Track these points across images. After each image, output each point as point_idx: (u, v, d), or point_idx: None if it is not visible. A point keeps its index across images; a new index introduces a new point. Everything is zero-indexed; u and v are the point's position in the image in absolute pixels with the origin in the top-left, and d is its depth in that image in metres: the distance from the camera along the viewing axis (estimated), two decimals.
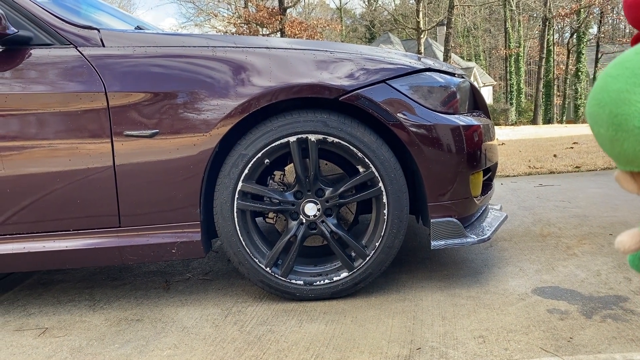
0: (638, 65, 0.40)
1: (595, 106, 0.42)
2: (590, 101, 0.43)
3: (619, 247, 0.47)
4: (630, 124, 0.38)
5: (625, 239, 0.46)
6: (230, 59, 1.90)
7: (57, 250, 1.96)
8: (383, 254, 1.98)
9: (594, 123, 0.42)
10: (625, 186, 0.45)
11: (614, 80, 0.40)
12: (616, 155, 0.41)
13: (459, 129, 1.94)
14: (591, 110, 0.42)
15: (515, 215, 3.27)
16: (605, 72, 0.43)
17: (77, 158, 1.89)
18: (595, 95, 0.42)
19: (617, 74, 0.41)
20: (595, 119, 0.42)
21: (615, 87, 0.40)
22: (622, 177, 0.45)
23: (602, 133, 0.41)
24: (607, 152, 0.43)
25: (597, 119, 0.41)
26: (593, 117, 0.42)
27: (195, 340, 1.77)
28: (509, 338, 1.63)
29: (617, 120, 0.39)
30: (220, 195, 1.95)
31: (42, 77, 1.87)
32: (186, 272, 2.54)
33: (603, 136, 0.41)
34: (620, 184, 0.47)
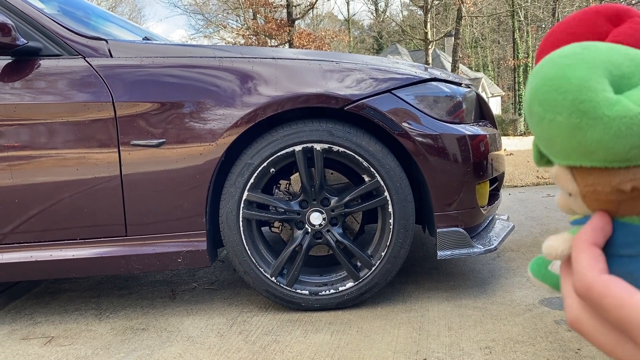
0: (594, 58, 0.39)
1: (552, 92, 0.39)
2: (542, 87, 0.40)
3: (549, 252, 0.43)
4: (599, 111, 0.37)
5: (556, 243, 0.43)
6: (236, 69, 1.91)
7: (64, 259, 1.97)
8: (389, 263, 1.97)
9: (548, 110, 0.39)
10: (565, 185, 0.42)
11: (573, 68, 0.39)
12: (573, 146, 0.39)
13: (465, 138, 1.94)
14: (545, 97, 0.40)
15: (523, 225, 3.24)
16: (555, 61, 0.41)
17: (84, 167, 1.90)
18: (550, 82, 0.40)
19: (573, 64, 0.39)
20: (551, 106, 0.39)
21: (577, 74, 0.38)
22: (562, 175, 0.42)
23: (559, 121, 0.38)
24: (558, 143, 0.40)
25: (555, 105, 0.39)
26: (548, 104, 0.39)
27: (200, 349, 1.76)
28: (515, 349, 1.61)
29: (583, 107, 0.37)
30: (226, 204, 1.95)
31: (51, 87, 1.90)
32: (192, 281, 2.54)
33: (561, 124, 0.38)
34: (558, 183, 0.44)
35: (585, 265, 0.38)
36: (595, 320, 0.38)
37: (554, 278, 0.48)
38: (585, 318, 0.38)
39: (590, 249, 0.39)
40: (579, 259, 0.39)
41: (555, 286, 0.48)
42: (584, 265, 0.38)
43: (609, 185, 0.39)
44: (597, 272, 0.37)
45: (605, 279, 0.37)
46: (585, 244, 0.40)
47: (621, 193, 0.39)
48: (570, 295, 0.40)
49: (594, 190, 0.40)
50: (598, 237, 0.40)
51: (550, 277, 0.48)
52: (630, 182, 0.38)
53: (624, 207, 0.40)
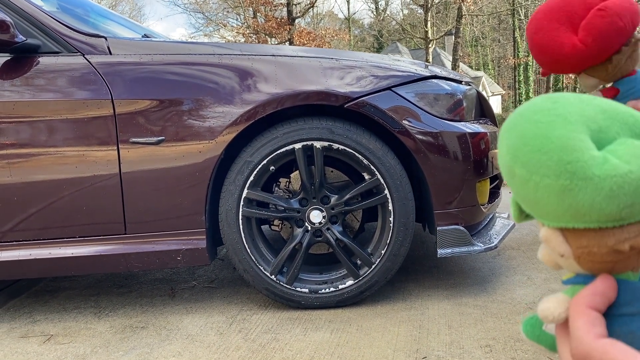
0: (568, 113, 0.37)
1: (534, 153, 0.37)
2: (522, 148, 0.38)
3: (545, 316, 0.41)
4: (589, 172, 0.35)
5: (552, 306, 0.41)
6: (236, 66, 1.91)
7: (63, 257, 1.96)
8: (389, 261, 1.97)
9: (534, 172, 0.37)
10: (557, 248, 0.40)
11: (550, 126, 0.37)
12: (564, 209, 0.37)
13: (465, 136, 1.93)
14: (528, 158, 0.37)
15: (523, 223, 3.24)
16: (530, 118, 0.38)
17: (83, 165, 1.90)
18: (530, 142, 0.37)
19: (549, 121, 0.37)
20: (536, 167, 0.37)
21: (556, 133, 0.36)
22: (552, 237, 0.40)
23: (547, 183, 0.36)
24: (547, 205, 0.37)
25: (540, 166, 0.37)
26: (532, 165, 0.37)
27: (199, 347, 1.76)
28: (516, 347, 1.61)
29: (571, 167, 0.35)
30: (226, 202, 1.95)
31: (50, 84, 1.89)
32: (191, 279, 2.53)
33: (549, 187, 0.36)
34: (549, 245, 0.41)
35: (583, 330, 0.37)
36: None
37: (549, 339, 0.46)
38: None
39: (587, 313, 0.38)
40: (576, 323, 0.38)
41: (550, 347, 0.47)
42: (581, 330, 0.37)
43: (605, 246, 0.38)
44: (594, 337, 0.36)
45: (603, 343, 0.36)
46: (582, 307, 0.38)
47: (618, 253, 0.38)
48: (567, 358, 0.40)
49: (589, 251, 0.39)
50: (597, 302, 0.39)
51: (545, 338, 0.46)
52: (627, 242, 0.37)
53: (619, 265, 0.39)
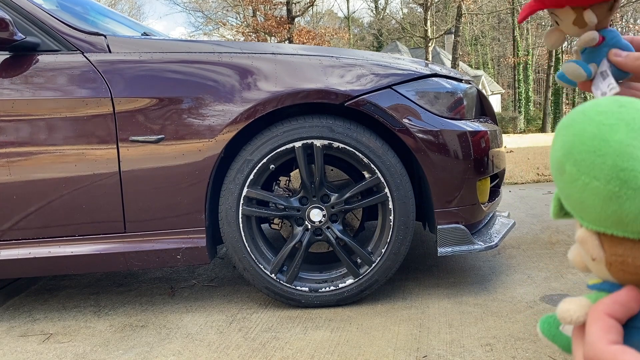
0: (633, 119, 0.36)
1: (589, 154, 0.36)
2: (578, 146, 0.37)
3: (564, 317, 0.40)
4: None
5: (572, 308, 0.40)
6: (236, 65, 1.90)
7: (63, 256, 1.96)
8: (389, 260, 1.96)
9: (584, 172, 0.36)
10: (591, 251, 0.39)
11: (611, 129, 0.36)
12: (607, 214, 0.36)
13: (465, 134, 1.93)
14: (582, 157, 0.37)
15: (524, 222, 3.24)
16: (592, 118, 0.38)
17: (83, 164, 1.89)
18: (587, 142, 0.37)
19: (612, 124, 0.36)
20: (588, 168, 0.36)
21: (616, 137, 0.36)
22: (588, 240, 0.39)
23: (596, 185, 0.36)
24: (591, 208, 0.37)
25: (592, 168, 0.36)
26: (584, 166, 0.37)
27: (199, 346, 1.76)
28: (516, 346, 1.60)
29: (623, 175, 0.35)
30: (226, 201, 1.94)
31: (49, 82, 1.88)
32: (191, 278, 2.53)
33: (597, 190, 0.36)
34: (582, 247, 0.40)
35: (597, 335, 0.37)
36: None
37: (564, 339, 0.46)
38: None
39: (604, 320, 0.38)
40: (591, 328, 0.38)
41: (565, 348, 0.46)
42: (595, 335, 0.37)
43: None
44: (606, 343, 0.36)
45: (614, 349, 0.35)
46: (600, 314, 0.38)
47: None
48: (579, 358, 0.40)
49: (623, 261, 0.38)
50: (617, 311, 0.38)
51: (560, 338, 0.46)
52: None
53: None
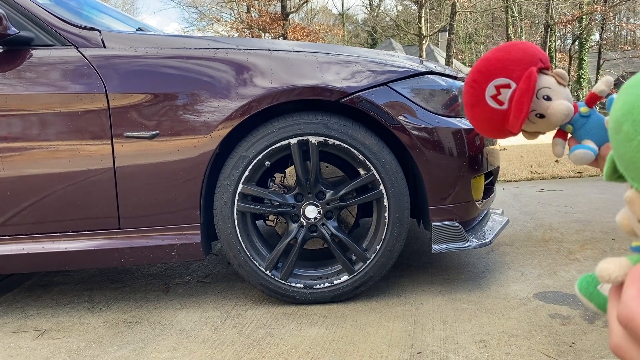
0: None
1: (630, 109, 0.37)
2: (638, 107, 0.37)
3: (602, 275, 0.41)
4: None
5: (612, 267, 0.41)
6: (231, 60, 1.90)
7: (57, 252, 1.95)
8: (384, 257, 1.97)
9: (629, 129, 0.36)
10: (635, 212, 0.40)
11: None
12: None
13: (460, 132, 1.93)
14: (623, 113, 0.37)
15: (517, 219, 3.25)
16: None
17: (77, 159, 1.88)
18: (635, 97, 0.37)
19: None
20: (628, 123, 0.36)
21: None
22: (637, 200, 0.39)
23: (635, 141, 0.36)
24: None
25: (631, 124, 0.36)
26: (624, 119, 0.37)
27: (194, 343, 1.75)
28: (510, 343, 1.61)
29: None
30: (221, 197, 1.94)
31: (43, 77, 1.87)
32: (186, 275, 2.53)
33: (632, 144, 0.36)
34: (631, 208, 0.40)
35: (632, 296, 0.37)
36: (637, 350, 0.37)
37: (600, 298, 0.47)
38: (627, 346, 0.37)
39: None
40: (628, 289, 0.38)
41: (601, 307, 0.47)
42: (630, 295, 0.37)
43: None
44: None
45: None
46: (638, 276, 0.38)
47: None
48: (614, 321, 0.40)
49: None
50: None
51: (597, 296, 0.47)
52: None
53: None
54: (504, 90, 0.97)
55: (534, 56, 0.96)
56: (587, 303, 0.47)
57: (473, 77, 1.02)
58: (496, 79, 0.98)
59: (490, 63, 0.99)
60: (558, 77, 0.95)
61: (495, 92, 0.99)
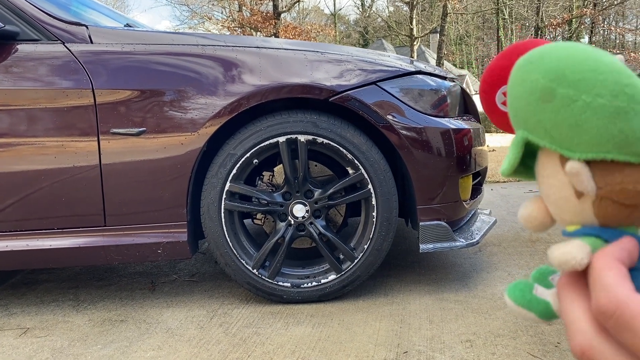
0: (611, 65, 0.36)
1: (588, 72, 0.35)
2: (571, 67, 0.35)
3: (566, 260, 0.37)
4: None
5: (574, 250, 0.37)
6: (219, 58, 1.88)
7: (41, 249, 1.92)
8: (372, 256, 1.97)
9: (585, 91, 0.34)
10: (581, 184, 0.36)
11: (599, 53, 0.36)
12: (611, 134, 0.34)
13: (449, 132, 1.93)
14: (580, 77, 0.35)
15: (505, 220, 3.26)
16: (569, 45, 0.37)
17: (62, 156, 1.86)
18: (582, 62, 0.35)
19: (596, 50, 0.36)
20: (589, 87, 0.34)
21: (607, 59, 0.35)
22: (582, 170, 0.36)
23: (600, 103, 0.34)
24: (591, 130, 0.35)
25: (594, 86, 0.34)
26: (584, 85, 0.35)
27: (179, 341, 1.74)
28: (496, 342, 1.62)
29: (629, 90, 0.33)
30: (208, 195, 1.93)
31: (28, 72, 1.85)
32: (172, 273, 2.51)
33: (602, 107, 0.34)
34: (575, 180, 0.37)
35: (614, 282, 0.33)
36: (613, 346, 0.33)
37: (541, 305, 0.42)
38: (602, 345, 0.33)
39: (619, 267, 0.34)
40: (606, 274, 0.34)
41: (542, 314, 0.42)
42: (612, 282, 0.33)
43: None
44: (630, 289, 0.33)
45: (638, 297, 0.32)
46: (613, 260, 0.35)
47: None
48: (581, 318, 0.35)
49: (622, 189, 0.35)
50: (625, 258, 0.35)
51: (537, 303, 0.42)
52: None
53: (637, 215, 0.36)
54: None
55: None
56: (526, 314, 0.42)
57: (482, 88, 1.07)
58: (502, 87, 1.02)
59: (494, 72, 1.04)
60: None
61: (504, 99, 1.03)
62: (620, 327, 0.32)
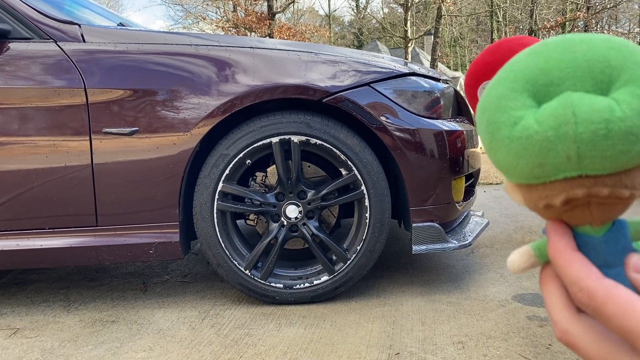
0: (522, 68, 0.38)
1: (478, 112, 0.40)
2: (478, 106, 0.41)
3: (510, 267, 0.42)
4: (501, 134, 0.37)
5: (515, 257, 0.42)
6: (213, 57, 1.88)
7: (32, 249, 1.91)
8: (364, 257, 1.96)
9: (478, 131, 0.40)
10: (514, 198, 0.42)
11: (498, 83, 0.39)
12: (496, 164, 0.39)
13: (442, 133, 1.94)
14: (476, 118, 0.40)
15: (497, 222, 3.27)
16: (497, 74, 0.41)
17: (54, 155, 1.85)
18: (482, 101, 0.40)
19: (502, 77, 0.39)
20: (478, 126, 0.40)
21: (496, 92, 0.38)
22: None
23: (483, 139, 0.39)
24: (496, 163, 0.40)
25: (479, 126, 0.39)
26: (477, 124, 0.40)
27: (170, 342, 1.73)
28: (488, 344, 1.62)
29: (491, 128, 0.37)
30: (200, 195, 1.92)
31: (20, 71, 1.83)
32: (164, 274, 2.50)
33: (484, 142, 0.39)
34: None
35: (583, 272, 0.36)
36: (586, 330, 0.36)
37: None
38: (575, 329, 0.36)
39: (579, 258, 0.37)
40: (571, 267, 0.36)
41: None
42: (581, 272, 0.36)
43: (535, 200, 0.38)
44: (597, 277, 0.35)
45: (607, 284, 0.34)
46: (569, 253, 0.37)
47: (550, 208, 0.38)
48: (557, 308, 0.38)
49: (533, 205, 0.39)
50: (571, 243, 0.38)
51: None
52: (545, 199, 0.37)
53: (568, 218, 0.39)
54: None
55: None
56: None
57: (466, 81, 1.09)
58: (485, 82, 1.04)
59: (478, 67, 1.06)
60: None
61: None
62: (597, 313, 0.34)
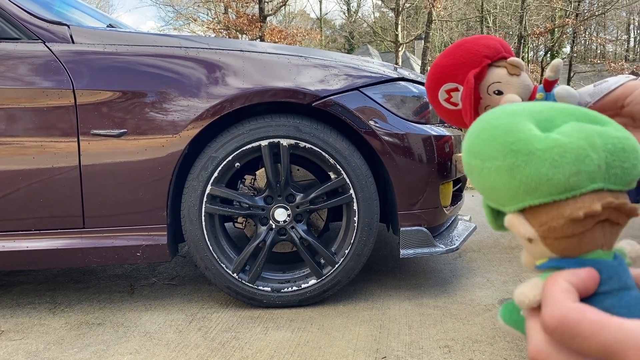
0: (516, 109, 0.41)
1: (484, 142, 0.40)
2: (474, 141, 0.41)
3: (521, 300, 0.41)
4: (531, 147, 0.38)
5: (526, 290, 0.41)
6: (203, 60, 1.88)
7: (18, 251, 1.89)
8: (352, 261, 1.97)
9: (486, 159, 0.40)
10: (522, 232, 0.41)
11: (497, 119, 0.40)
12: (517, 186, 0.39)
13: (430, 138, 1.95)
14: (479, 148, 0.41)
15: (485, 226, 3.29)
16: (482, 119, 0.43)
17: (41, 156, 1.84)
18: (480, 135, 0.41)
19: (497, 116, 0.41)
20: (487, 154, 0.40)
21: (502, 122, 0.40)
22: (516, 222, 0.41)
23: (498, 165, 0.39)
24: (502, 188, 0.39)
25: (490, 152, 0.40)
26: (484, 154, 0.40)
27: (157, 345, 1.72)
28: (474, 348, 1.63)
29: (515, 146, 0.38)
30: (188, 198, 1.91)
31: (8, 71, 1.82)
32: (152, 276, 2.49)
33: (500, 168, 0.39)
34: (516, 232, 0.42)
35: (559, 296, 0.36)
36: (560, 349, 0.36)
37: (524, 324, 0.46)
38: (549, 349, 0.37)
39: (564, 284, 0.37)
40: (551, 292, 0.37)
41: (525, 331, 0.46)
42: (557, 295, 0.36)
43: (562, 218, 0.38)
44: (571, 301, 0.36)
45: (580, 306, 0.35)
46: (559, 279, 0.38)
47: (576, 224, 0.38)
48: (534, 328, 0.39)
49: (549, 227, 0.39)
50: (575, 282, 0.38)
51: (523, 323, 0.45)
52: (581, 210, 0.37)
53: (586, 241, 0.39)
54: (454, 93, 1.05)
55: (477, 55, 0.99)
56: (514, 332, 0.46)
57: (427, 84, 1.10)
58: (445, 85, 1.05)
59: (437, 70, 1.06)
60: (510, 66, 0.98)
61: (447, 96, 1.06)
62: (568, 336, 0.35)
